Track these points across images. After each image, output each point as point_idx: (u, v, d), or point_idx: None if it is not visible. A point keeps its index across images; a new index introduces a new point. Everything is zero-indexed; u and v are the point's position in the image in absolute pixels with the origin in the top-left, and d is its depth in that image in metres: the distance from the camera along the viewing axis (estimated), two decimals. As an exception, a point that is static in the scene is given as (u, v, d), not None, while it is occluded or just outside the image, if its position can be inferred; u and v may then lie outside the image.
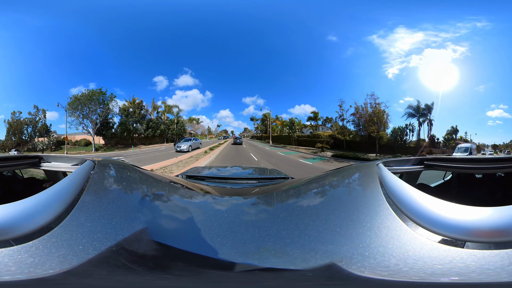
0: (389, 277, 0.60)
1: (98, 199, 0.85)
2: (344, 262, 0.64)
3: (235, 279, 0.66)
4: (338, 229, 0.77)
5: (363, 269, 0.62)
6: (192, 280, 0.66)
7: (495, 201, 1.74)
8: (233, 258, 0.67)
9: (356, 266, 0.63)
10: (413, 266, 0.61)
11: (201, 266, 0.66)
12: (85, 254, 0.62)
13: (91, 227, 0.70)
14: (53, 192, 0.81)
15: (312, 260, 0.67)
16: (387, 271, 0.61)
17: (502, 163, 1.63)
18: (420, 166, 1.70)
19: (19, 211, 0.69)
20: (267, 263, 0.67)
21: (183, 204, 1.16)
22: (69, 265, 0.59)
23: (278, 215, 0.96)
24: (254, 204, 1.20)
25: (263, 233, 0.78)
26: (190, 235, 0.79)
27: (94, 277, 0.61)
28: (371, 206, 0.86)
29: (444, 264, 0.61)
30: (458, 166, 1.75)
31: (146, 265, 0.65)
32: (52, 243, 0.64)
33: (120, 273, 0.62)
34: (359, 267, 0.63)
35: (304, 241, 0.73)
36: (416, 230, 0.72)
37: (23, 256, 0.60)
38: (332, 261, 0.65)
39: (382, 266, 0.62)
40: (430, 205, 0.77)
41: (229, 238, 0.75)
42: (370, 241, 0.69)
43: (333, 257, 0.66)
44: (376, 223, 0.76)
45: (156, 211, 0.96)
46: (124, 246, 0.66)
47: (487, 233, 0.66)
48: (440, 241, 0.67)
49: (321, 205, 1.05)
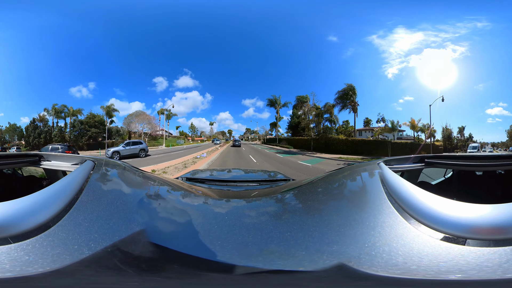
0: (402, 275, 0.60)
1: (97, 199, 0.85)
2: (353, 262, 0.64)
3: (237, 282, 0.66)
4: (342, 229, 0.76)
5: (374, 268, 0.62)
6: (187, 283, 0.65)
7: (495, 199, 1.75)
8: (235, 260, 0.66)
9: (367, 266, 0.63)
10: (420, 264, 0.61)
11: (199, 268, 0.66)
12: (79, 254, 0.61)
13: (88, 227, 0.69)
14: (52, 191, 0.81)
15: (320, 262, 0.66)
16: (398, 269, 0.61)
17: (502, 161, 1.63)
18: (421, 164, 1.71)
19: (19, 209, 0.69)
20: (273, 265, 0.66)
21: (182, 207, 1.15)
22: (61, 264, 0.58)
23: (281, 217, 0.95)
24: (256, 206, 1.19)
25: (266, 235, 0.78)
26: (189, 238, 0.78)
27: (77, 277, 0.59)
28: (374, 205, 0.86)
29: (447, 261, 0.61)
30: (458, 164, 1.75)
31: (138, 266, 0.64)
32: (49, 241, 0.63)
33: (109, 274, 0.61)
34: (370, 267, 0.62)
35: (308, 243, 0.73)
36: (418, 228, 0.72)
37: (19, 254, 0.60)
38: (341, 261, 0.65)
39: (391, 264, 0.62)
40: (431, 202, 0.77)
41: (230, 241, 0.74)
42: (375, 240, 0.69)
43: (340, 257, 0.66)
44: (379, 222, 0.76)
45: (155, 213, 0.95)
46: (120, 247, 0.65)
47: (487, 230, 0.66)
48: (442, 238, 0.68)
49: (323, 206, 1.05)
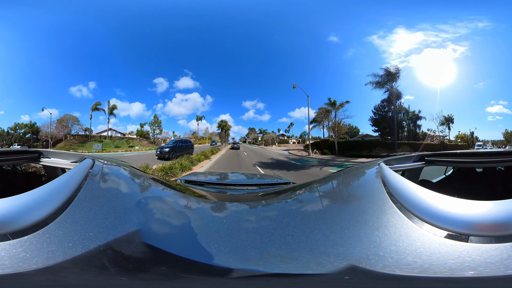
0: (419, 274, 0.59)
1: (95, 198, 0.84)
2: (364, 264, 0.63)
3: (233, 285, 0.65)
4: (346, 231, 0.75)
5: (389, 268, 0.61)
6: (172, 285, 0.64)
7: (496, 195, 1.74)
8: (231, 264, 0.65)
9: (381, 266, 0.62)
10: (431, 263, 0.60)
11: (189, 270, 0.65)
12: (72, 252, 0.60)
13: (85, 225, 0.69)
14: (51, 188, 0.80)
15: (327, 264, 0.65)
16: (413, 268, 0.60)
17: (502, 157, 1.63)
18: (421, 163, 1.70)
19: (18, 205, 0.68)
20: (275, 268, 0.65)
21: (180, 209, 1.14)
22: (53, 261, 0.58)
23: (281, 220, 0.93)
24: (255, 210, 1.18)
25: (266, 239, 0.76)
26: (183, 240, 0.77)
27: (62, 275, 0.58)
28: (376, 206, 0.85)
29: (454, 259, 0.60)
30: (458, 161, 1.75)
31: (124, 266, 0.63)
32: (45, 238, 0.63)
33: (92, 273, 0.60)
34: (384, 267, 0.61)
35: (312, 246, 0.71)
36: (422, 226, 0.71)
37: (17, 251, 0.59)
38: (350, 263, 0.63)
39: (404, 264, 0.61)
40: (433, 200, 0.77)
41: (227, 244, 0.73)
42: (381, 240, 0.68)
43: (349, 259, 0.65)
44: (383, 222, 0.75)
45: (152, 214, 0.94)
46: (113, 246, 0.65)
47: (488, 227, 0.66)
48: (446, 236, 0.67)
49: (325, 208, 1.04)
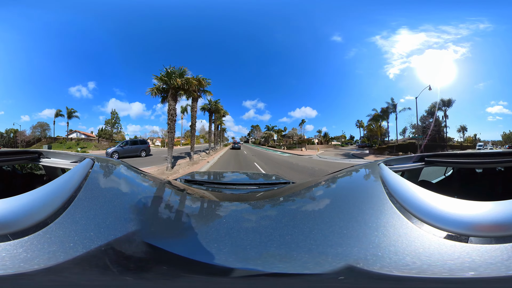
0: (418, 274, 0.59)
1: (95, 198, 0.84)
2: (362, 264, 0.63)
3: (232, 285, 0.65)
4: (345, 231, 0.75)
5: (387, 268, 0.61)
6: (174, 284, 0.64)
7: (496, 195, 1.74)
8: (231, 263, 0.66)
9: (378, 266, 0.62)
10: (430, 263, 0.60)
11: (190, 270, 0.65)
12: (73, 252, 0.60)
13: (85, 225, 0.69)
14: (51, 188, 0.80)
15: (325, 264, 0.65)
16: (411, 269, 0.60)
17: (502, 158, 1.63)
18: (421, 163, 1.69)
19: (18, 206, 0.68)
20: (273, 268, 0.65)
21: (180, 208, 1.14)
22: (55, 261, 0.58)
23: (281, 220, 0.94)
24: (255, 210, 1.18)
25: (265, 238, 0.76)
26: (183, 239, 0.78)
27: (64, 275, 0.58)
28: (375, 206, 0.85)
29: (454, 259, 0.60)
30: (458, 161, 1.75)
31: (126, 266, 0.63)
32: (46, 239, 0.63)
33: (95, 273, 0.60)
34: (381, 267, 0.61)
35: (311, 245, 0.71)
36: (421, 227, 0.71)
37: (18, 251, 0.59)
38: (348, 263, 0.63)
39: (403, 264, 0.61)
40: (433, 201, 0.77)
41: (227, 244, 0.73)
42: (379, 241, 0.68)
43: (347, 259, 0.65)
44: (382, 222, 0.75)
45: (152, 214, 0.94)
46: (114, 246, 0.65)
47: (488, 227, 0.66)
48: (446, 236, 0.67)
49: (324, 208, 1.04)
